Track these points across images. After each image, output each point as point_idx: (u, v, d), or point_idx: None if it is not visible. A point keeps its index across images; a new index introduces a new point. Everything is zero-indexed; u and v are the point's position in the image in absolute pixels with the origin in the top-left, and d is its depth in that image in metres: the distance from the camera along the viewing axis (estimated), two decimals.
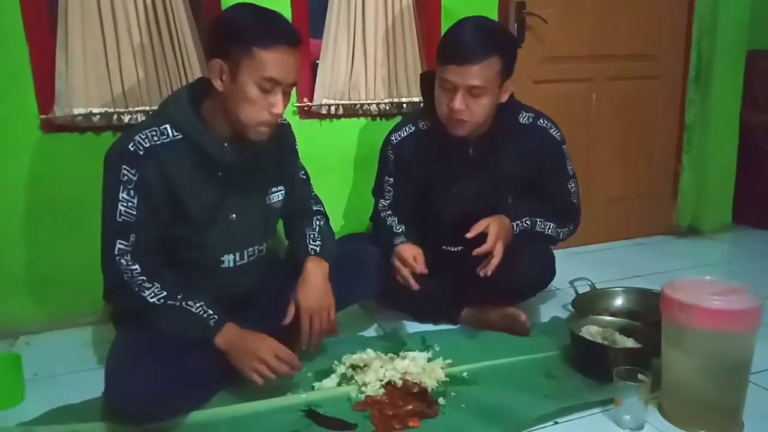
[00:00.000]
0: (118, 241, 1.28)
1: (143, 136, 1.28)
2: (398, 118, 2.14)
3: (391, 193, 1.76)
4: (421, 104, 1.84)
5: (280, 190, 1.51)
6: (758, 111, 2.79)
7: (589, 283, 1.88)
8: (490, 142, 1.63)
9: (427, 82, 1.66)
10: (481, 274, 1.49)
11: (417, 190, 1.74)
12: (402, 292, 1.63)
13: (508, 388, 1.38)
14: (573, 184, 1.72)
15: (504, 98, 1.58)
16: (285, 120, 1.54)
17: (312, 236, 1.54)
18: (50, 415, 1.32)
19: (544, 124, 1.68)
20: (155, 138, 1.29)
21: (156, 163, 1.28)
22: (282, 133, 1.51)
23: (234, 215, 1.40)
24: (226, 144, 1.33)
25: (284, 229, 1.64)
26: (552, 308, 1.88)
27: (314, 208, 1.62)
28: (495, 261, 1.49)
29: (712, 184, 2.78)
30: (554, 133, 1.68)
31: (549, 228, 1.67)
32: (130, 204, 1.27)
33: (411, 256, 1.58)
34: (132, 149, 1.26)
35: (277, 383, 1.33)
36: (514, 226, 1.59)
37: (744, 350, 1.20)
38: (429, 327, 1.76)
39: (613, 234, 2.71)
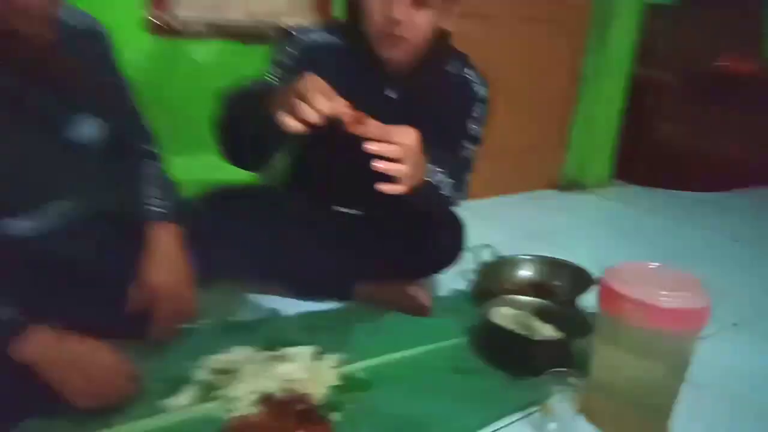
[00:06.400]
0: None
1: None
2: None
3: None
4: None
5: (91, 121, 1.07)
6: (648, 66, 2.74)
7: (491, 249, 1.67)
8: (414, 87, 1.29)
9: None
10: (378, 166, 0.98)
11: None
12: (282, 255, 1.33)
13: (413, 392, 1.13)
14: (468, 150, 1.37)
15: (447, 24, 1.25)
16: (93, 24, 1.07)
17: (153, 192, 1.15)
18: None
19: (468, 75, 1.35)
20: None
21: None
22: (84, 41, 1.04)
23: (13, 158, 0.95)
24: None
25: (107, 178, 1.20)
26: (449, 277, 1.65)
27: (146, 147, 1.20)
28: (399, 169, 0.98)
29: (599, 137, 2.73)
30: (477, 88, 1.36)
31: (447, 187, 1.23)
32: None
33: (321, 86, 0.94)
34: None
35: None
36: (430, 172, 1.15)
37: (689, 350, 1.05)
38: (314, 306, 1.45)
39: (498, 187, 2.54)
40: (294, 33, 1.28)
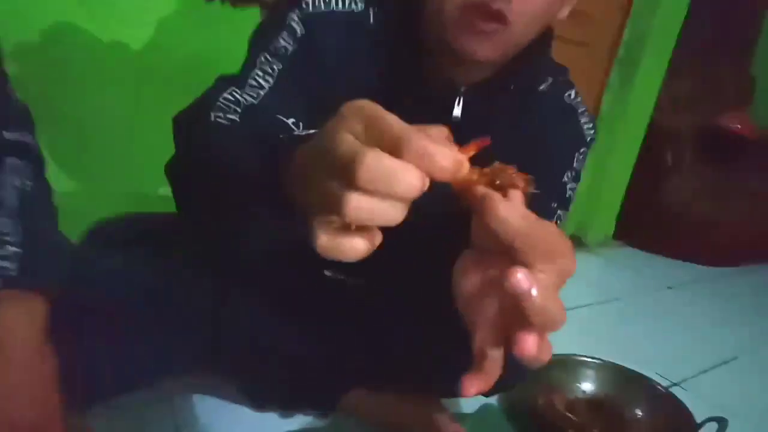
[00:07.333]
0: None
1: None
2: None
3: (265, 93, 0.66)
4: None
5: None
6: (669, 114, 2.38)
7: None
8: (495, 107, 0.76)
9: None
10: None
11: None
12: (232, 337, 0.83)
13: None
14: (561, 218, 0.84)
15: (562, 15, 0.73)
16: None
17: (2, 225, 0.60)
18: None
19: (571, 102, 0.83)
20: None
21: None
22: None
23: None
24: None
25: None
26: None
27: (7, 137, 0.64)
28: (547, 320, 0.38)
29: (607, 190, 2.33)
30: (585, 124, 0.83)
31: None
32: None
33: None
34: None
35: None
36: None
37: None
38: (279, 423, 0.89)
39: None
40: (308, 3, 0.71)
